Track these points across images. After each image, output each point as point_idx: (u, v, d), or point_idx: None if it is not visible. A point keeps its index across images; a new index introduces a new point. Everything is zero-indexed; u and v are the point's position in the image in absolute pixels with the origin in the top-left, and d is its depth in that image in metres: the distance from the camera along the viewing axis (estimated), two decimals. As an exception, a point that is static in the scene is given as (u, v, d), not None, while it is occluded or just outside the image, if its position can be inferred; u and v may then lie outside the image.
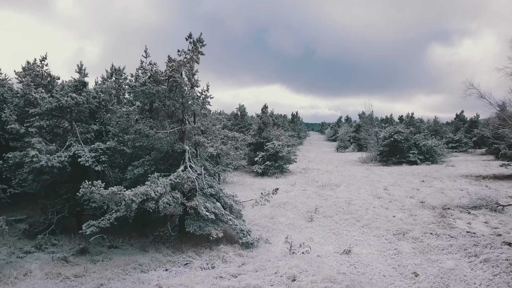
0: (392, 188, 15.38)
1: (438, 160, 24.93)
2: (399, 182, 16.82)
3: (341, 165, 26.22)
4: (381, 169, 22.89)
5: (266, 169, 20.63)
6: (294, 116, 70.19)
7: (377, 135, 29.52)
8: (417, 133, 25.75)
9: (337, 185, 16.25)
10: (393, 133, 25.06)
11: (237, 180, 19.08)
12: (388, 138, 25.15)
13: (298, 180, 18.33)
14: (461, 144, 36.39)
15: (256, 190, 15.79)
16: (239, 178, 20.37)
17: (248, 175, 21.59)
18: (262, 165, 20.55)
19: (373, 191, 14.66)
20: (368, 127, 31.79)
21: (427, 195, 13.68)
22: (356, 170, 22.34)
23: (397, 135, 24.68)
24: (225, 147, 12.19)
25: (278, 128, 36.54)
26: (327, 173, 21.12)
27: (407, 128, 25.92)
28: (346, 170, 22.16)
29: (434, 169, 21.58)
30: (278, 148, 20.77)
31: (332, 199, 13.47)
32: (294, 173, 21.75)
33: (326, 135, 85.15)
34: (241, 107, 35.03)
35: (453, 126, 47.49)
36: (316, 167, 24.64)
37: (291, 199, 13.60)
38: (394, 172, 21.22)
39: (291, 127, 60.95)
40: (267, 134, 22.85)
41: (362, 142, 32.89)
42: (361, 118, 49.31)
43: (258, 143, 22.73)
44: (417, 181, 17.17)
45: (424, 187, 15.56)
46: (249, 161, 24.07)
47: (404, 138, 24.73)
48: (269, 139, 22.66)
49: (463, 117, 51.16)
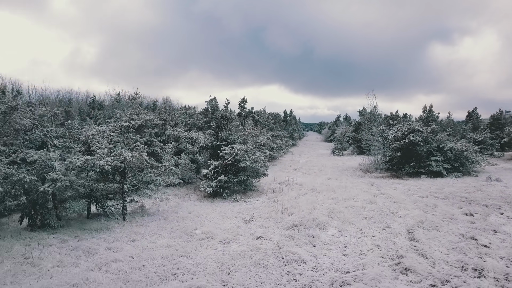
0: (424, 236, 8.24)
1: (470, 170, 17.89)
2: (432, 219, 9.72)
3: (336, 177, 19.15)
4: (392, 185, 15.83)
5: (220, 187, 13.62)
6: (287, 114, 63.17)
7: (384, 135, 22.50)
8: (439, 132, 18.67)
9: (323, 225, 9.15)
10: (407, 132, 18.03)
11: (167, 208, 12.03)
12: (401, 139, 18.11)
13: (260, 211, 11.24)
14: (486, 147, 29.39)
15: (180, 233, 8.78)
16: (177, 201, 13.34)
17: (197, 194, 14.59)
18: (214, 181, 13.52)
19: (389, 248, 7.50)
20: (371, 125, 24.77)
21: (501, 261, 6.63)
22: (356, 187, 15.29)
23: (414, 135, 17.65)
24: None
25: (258, 127, 29.55)
26: (312, 192, 14.06)
27: (427, 126, 18.84)
28: (342, 188, 15.09)
29: (472, 186, 14.53)
30: (239, 155, 13.76)
31: (306, 274, 6.36)
32: (263, 191, 14.71)
33: (323, 135, 78.68)
34: (212, 101, 27.97)
35: (469, 125, 40.40)
36: (300, 180, 17.58)
37: (215, 274, 6.46)
38: (412, 190, 14.17)
39: (282, 126, 54.00)
40: (227, 134, 15.75)
41: (364, 144, 25.92)
42: (362, 115, 42.34)
43: (213, 146, 15.69)
44: (459, 214, 10.11)
45: (483, 231, 8.48)
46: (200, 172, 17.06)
47: (423, 139, 17.70)
48: (230, 141, 15.65)
49: (477, 115, 44.19)
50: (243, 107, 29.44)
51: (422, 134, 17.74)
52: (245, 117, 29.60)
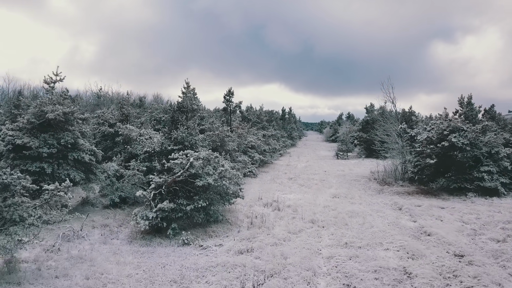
0: None
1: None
2: None
3: (344, 192, 13.97)
4: (430, 210, 10.61)
5: (163, 220, 8.43)
6: (285, 112, 57.87)
7: (405, 136, 17.32)
8: (487, 132, 13.46)
9: None
10: (446, 131, 12.83)
11: (61, 264, 6.86)
12: (437, 142, 12.91)
13: (216, 277, 6.04)
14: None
15: None
16: (95, 240, 8.18)
17: (135, 227, 9.39)
18: (153, 210, 8.32)
19: None
20: (387, 124, 19.56)
21: None
22: (377, 215, 10.11)
23: (456, 135, 12.46)
24: None
25: (247, 125, 24.36)
26: (311, 228, 8.82)
27: (471, 123, 13.59)
28: (356, 216, 9.90)
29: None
30: (195, 167, 8.58)
31: None
32: (236, 223, 9.50)
33: (324, 134, 73.51)
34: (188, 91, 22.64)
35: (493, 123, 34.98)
36: (295, 198, 12.38)
37: None
38: (470, 222, 8.98)
39: (280, 125, 48.78)
40: (183, 134, 10.37)
41: (378, 147, 20.71)
42: (370, 112, 37.06)
43: (164, 151, 10.39)
44: None
45: None
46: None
47: (469, 142, 12.51)
48: (190, 145, 10.42)
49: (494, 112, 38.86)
50: (229, 101, 24.20)
51: (467, 134, 12.55)
52: (232, 112, 24.40)
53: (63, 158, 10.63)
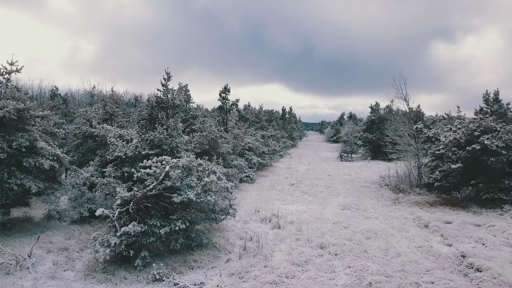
0: None
1: None
2: None
3: (355, 203, 12.03)
4: (465, 228, 8.67)
5: (130, 246, 6.50)
6: (285, 112, 55.85)
7: (422, 137, 15.42)
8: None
9: None
10: (477, 131, 10.88)
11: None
12: (466, 144, 10.97)
13: None
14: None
15: None
16: (45, 272, 6.23)
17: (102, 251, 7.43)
18: (117, 235, 6.39)
19: None
20: (398, 123, 17.58)
21: None
22: (400, 235, 8.18)
23: (489, 137, 10.52)
24: None
25: (244, 125, 22.40)
26: (321, 257, 6.85)
27: (504, 123, 11.63)
28: (374, 238, 7.97)
29: None
30: (173, 179, 6.64)
31: None
32: (225, 249, 7.53)
33: (325, 135, 71.44)
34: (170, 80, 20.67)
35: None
36: (298, 211, 10.41)
37: None
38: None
39: (280, 125, 46.82)
40: (161, 135, 8.36)
41: (389, 148, 18.74)
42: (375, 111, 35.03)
43: (138, 157, 8.42)
44: None
45: None
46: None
47: (504, 144, 10.56)
48: (170, 149, 8.47)
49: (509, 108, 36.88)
50: (225, 98, 22.24)
51: (501, 135, 10.61)
52: (228, 111, 22.45)
53: (16, 165, 8.69)
